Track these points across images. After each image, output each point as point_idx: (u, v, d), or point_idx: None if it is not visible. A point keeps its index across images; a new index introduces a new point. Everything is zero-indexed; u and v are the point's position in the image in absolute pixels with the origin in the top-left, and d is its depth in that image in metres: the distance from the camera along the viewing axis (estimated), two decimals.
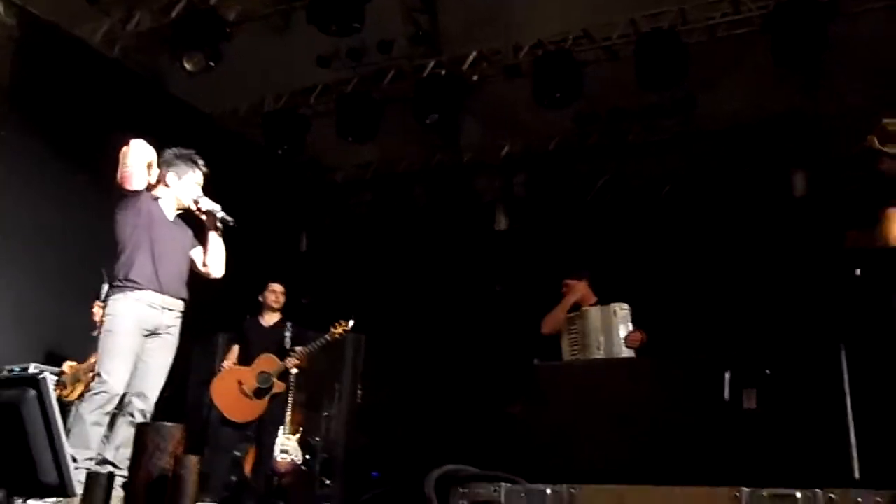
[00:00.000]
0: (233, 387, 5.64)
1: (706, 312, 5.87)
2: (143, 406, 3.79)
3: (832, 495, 1.88)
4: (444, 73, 6.57)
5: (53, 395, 2.63)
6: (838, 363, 2.09)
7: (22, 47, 5.62)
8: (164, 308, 3.88)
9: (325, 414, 7.39)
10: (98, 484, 2.55)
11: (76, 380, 5.29)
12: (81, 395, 5.25)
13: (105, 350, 3.73)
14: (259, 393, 5.61)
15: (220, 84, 6.47)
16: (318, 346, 5.71)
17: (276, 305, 5.90)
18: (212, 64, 5.92)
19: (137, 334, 3.78)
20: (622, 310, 4.40)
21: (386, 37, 6.28)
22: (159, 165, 4.03)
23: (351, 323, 5.69)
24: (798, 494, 1.90)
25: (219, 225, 4.08)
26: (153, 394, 3.86)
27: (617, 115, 6.75)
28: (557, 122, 6.90)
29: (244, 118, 7.26)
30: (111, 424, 3.71)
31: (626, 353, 4.29)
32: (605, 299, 4.63)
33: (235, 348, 5.89)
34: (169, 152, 4.08)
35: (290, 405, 6.39)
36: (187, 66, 5.92)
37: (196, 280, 4.19)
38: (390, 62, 6.61)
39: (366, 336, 7.91)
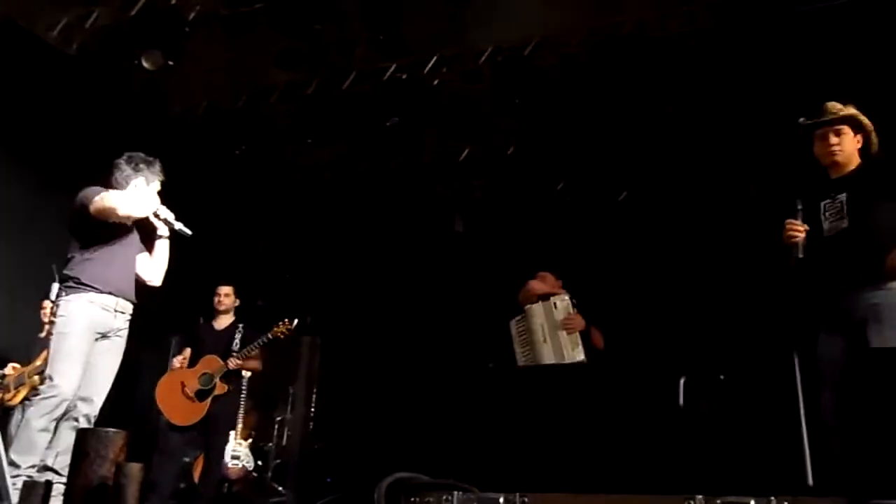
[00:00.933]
0: (175, 389, 5.53)
1: (661, 317, 5.96)
2: (88, 410, 3.72)
3: (786, 503, 1.86)
4: (404, 76, 6.55)
5: None
6: (792, 369, 2.10)
7: None
8: (116, 311, 3.83)
9: (279, 418, 7.27)
10: (35, 493, 2.45)
11: (20, 383, 5.10)
12: (25, 399, 5.10)
13: (57, 352, 3.64)
14: (201, 394, 5.50)
15: (178, 83, 6.37)
16: (258, 345, 5.61)
17: (221, 308, 5.81)
18: (171, 63, 5.82)
19: (90, 337, 3.72)
20: (562, 301, 4.48)
21: (346, 38, 6.23)
22: (120, 166, 3.99)
23: (295, 322, 5.60)
24: (752, 502, 1.88)
25: (170, 234, 4.04)
26: (99, 398, 3.79)
27: (574, 119, 6.79)
28: (516, 126, 6.93)
29: (202, 117, 7.13)
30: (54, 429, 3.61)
31: (570, 341, 4.34)
32: None
33: (188, 351, 5.78)
34: (137, 157, 4.03)
35: (241, 410, 6.29)
36: (146, 64, 5.80)
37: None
38: (351, 64, 6.56)
39: (322, 339, 7.83)
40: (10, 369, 5.20)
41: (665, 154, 6.68)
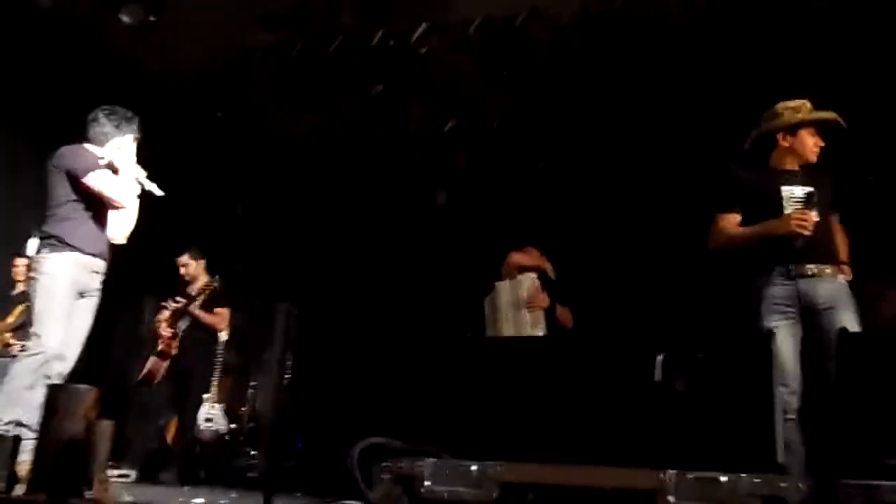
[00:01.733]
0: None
1: (642, 294, 6.00)
2: (62, 368, 3.71)
3: (756, 480, 1.89)
4: (391, 43, 6.46)
5: None
6: (768, 350, 2.13)
7: None
8: (93, 271, 3.84)
9: (253, 383, 7.29)
10: (2, 447, 2.44)
11: None
12: None
13: (42, 310, 3.64)
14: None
15: (158, 41, 6.22)
16: (181, 304, 5.68)
17: (186, 278, 5.81)
18: (151, 18, 5.68)
19: (73, 295, 3.74)
20: (527, 279, 4.52)
21: (333, 2, 6.13)
22: (100, 121, 3.93)
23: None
24: (723, 478, 1.91)
25: (140, 193, 3.99)
26: (73, 356, 3.79)
27: (563, 94, 6.75)
28: (502, 99, 6.88)
29: (183, 77, 6.99)
30: None
31: (532, 319, 4.37)
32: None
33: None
34: (117, 112, 3.97)
35: (216, 374, 6.30)
36: (124, 17, 5.66)
37: (127, 243, 4.08)
38: (337, 29, 6.45)
39: (298, 306, 7.81)
40: None
41: (652, 130, 6.67)
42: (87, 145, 3.94)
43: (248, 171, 8.04)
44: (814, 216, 3.38)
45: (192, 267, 5.82)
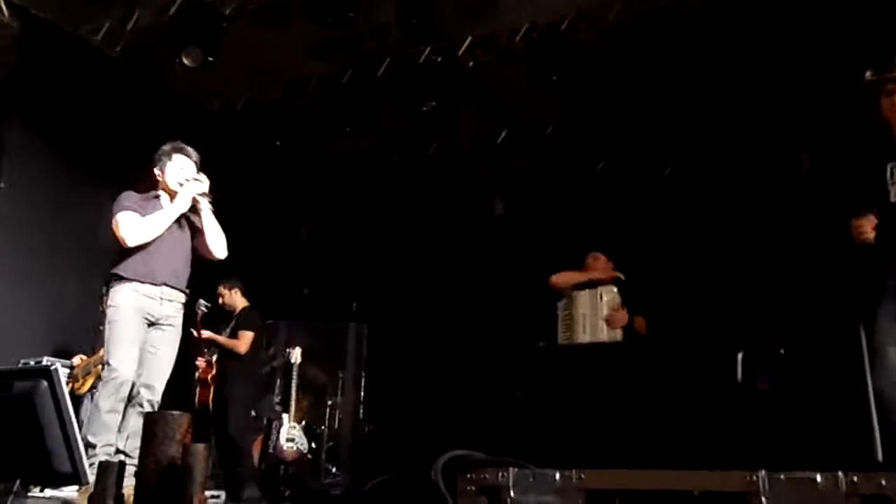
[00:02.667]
0: None
1: (716, 292, 5.85)
2: (151, 396, 3.91)
3: (854, 479, 1.79)
4: (439, 59, 6.53)
5: (65, 386, 2.67)
6: (858, 341, 2.04)
7: (25, 48, 5.65)
8: (162, 299, 3.99)
9: (330, 402, 7.45)
10: (110, 472, 2.56)
11: (87, 372, 5.37)
12: (92, 387, 5.34)
13: (110, 339, 3.87)
14: None
15: (217, 78, 6.45)
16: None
17: (227, 309, 6.02)
18: (210, 59, 5.90)
19: (139, 322, 3.91)
20: (608, 293, 4.44)
21: (380, 25, 6.24)
22: (154, 162, 4.13)
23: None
24: (818, 478, 1.82)
25: (205, 203, 4.11)
26: (160, 384, 3.97)
27: (614, 94, 6.70)
28: (554, 105, 6.87)
29: (242, 111, 7.23)
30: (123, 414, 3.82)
31: (611, 334, 4.32)
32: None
33: None
34: (162, 147, 4.18)
35: (293, 394, 6.47)
36: (186, 61, 5.88)
37: (203, 272, 4.24)
38: (385, 51, 6.57)
39: (368, 324, 7.94)
40: (77, 360, 5.46)
41: (711, 125, 6.56)
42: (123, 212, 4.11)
43: (310, 196, 8.22)
44: (867, 222, 3.01)
45: (227, 296, 6.07)
